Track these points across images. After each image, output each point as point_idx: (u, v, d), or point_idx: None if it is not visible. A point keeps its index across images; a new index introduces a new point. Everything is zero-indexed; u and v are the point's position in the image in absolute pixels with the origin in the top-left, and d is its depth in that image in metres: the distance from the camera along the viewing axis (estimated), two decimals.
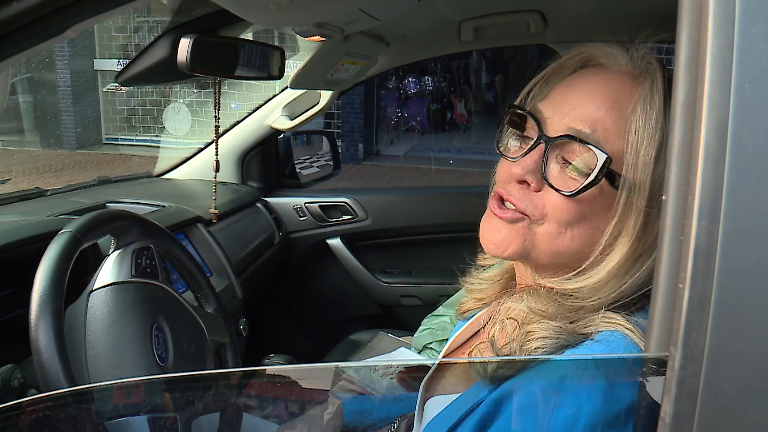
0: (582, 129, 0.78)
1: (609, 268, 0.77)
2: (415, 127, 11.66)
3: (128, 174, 2.56)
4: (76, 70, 10.61)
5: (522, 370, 0.75)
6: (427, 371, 0.94)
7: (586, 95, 0.80)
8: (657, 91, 0.77)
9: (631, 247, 0.76)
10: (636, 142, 0.75)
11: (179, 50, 1.33)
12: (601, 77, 0.82)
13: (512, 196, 0.82)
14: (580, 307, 0.78)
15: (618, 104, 0.78)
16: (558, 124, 0.80)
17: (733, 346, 0.48)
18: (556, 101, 0.83)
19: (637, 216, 0.75)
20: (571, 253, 0.80)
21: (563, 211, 0.78)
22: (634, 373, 0.64)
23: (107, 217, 1.18)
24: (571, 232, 0.79)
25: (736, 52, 0.49)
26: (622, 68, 0.82)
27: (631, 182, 0.75)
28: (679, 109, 0.51)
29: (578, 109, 0.79)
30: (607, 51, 0.83)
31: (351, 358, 2.13)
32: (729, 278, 0.48)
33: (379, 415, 1.16)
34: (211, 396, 0.85)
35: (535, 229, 0.81)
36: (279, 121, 2.39)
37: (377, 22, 1.45)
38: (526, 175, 0.80)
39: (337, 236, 2.58)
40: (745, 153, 0.48)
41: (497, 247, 0.83)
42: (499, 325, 0.83)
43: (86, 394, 0.83)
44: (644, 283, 0.77)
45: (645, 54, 0.82)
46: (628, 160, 0.76)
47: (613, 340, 0.72)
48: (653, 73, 0.79)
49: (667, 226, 0.51)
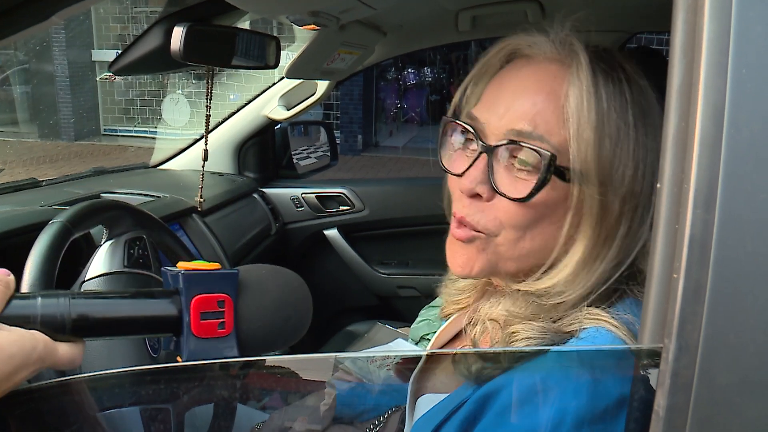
0: (523, 128, 0.76)
1: (576, 259, 0.76)
2: (414, 118, 11.64)
3: (124, 165, 2.55)
4: (74, 61, 10.57)
5: (506, 369, 0.74)
6: (417, 362, 0.93)
7: (519, 91, 0.78)
8: (582, 72, 0.75)
9: (594, 232, 0.76)
10: (575, 131, 0.74)
11: (173, 39, 1.31)
12: (530, 69, 0.80)
13: (465, 213, 0.81)
14: (558, 304, 0.77)
15: (553, 94, 0.76)
16: (496, 127, 0.78)
17: (729, 337, 0.47)
18: (489, 103, 0.81)
19: (592, 203, 0.75)
20: (535, 252, 0.80)
21: (519, 216, 0.78)
22: (622, 367, 0.63)
23: (98, 207, 1.16)
24: (531, 233, 0.79)
25: (733, 37, 0.47)
26: (547, 56, 0.80)
27: (579, 171, 0.74)
28: (674, 95, 0.50)
29: (513, 108, 0.77)
30: (529, 40, 0.81)
31: (348, 349, 2.12)
32: (725, 268, 0.47)
33: (371, 405, 1.15)
34: (205, 387, 0.84)
35: (494, 241, 0.80)
36: (275, 112, 2.38)
37: (373, 11, 1.44)
38: (476, 187, 0.79)
39: (334, 227, 2.57)
40: (741, 140, 0.47)
41: (463, 269, 0.83)
42: (480, 327, 0.83)
43: (77, 385, 0.82)
44: (616, 265, 0.76)
45: (566, 36, 0.80)
46: (572, 149, 0.74)
47: (598, 337, 0.72)
48: (576, 53, 0.77)
49: (662, 215, 0.50)
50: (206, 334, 0.65)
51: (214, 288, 0.65)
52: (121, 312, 0.64)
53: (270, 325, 0.69)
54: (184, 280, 0.64)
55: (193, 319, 0.64)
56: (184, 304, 0.64)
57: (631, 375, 0.54)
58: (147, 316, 0.65)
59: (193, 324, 0.64)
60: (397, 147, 10.70)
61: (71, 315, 0.60)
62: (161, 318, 0.65)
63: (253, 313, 0.68)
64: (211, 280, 0.65)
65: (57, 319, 0.60)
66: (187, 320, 0.64)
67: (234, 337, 0.66)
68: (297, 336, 0.73)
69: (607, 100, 0.74)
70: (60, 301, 0.60)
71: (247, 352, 0.68)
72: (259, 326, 0.68)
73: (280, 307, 0.70)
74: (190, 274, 0.65)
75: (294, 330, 0.72)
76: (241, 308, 0.67)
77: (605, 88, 0.75)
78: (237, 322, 0.66)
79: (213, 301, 0.65)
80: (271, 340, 0.71)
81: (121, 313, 0.64)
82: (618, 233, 0.76)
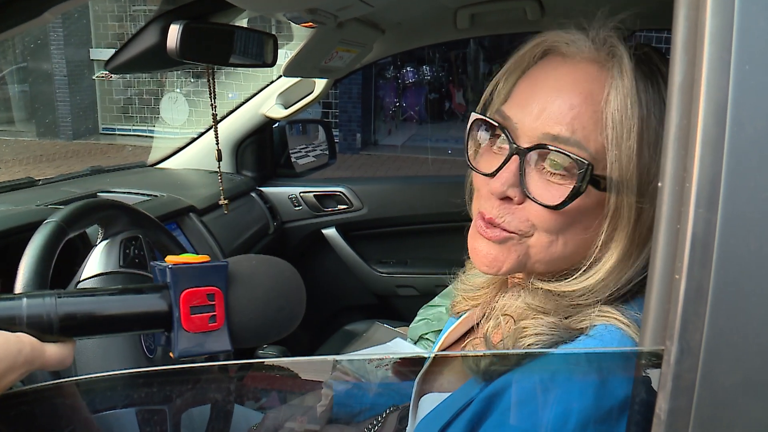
0: (560, 133, 0.73)
1: (608, 267, 0.74)
2: (413, 116, 11.62)
3: (122, 163, 2.54)
4: (72, 59, 10.55)
5: (514, 367, 0.73)
6: (422, 364, 0.92)
7: (555, 92, 0.75)
8: (626, 76, 0.72)
9: (627, 242, 0.74)
10: (615, 136, 0.71)
11: (169, 37, 1.30)
12: (566, 68, 0.76)
13: (494, 215, 0.78)
14: (579, 304, 0.76)
15: (591, 97, 0.73)
16: (530, 128, 0.75)
17: (732, 339, 0.46)
18: (522, 101, 0.78)
19: (629, 211, 0.73)
20: (567, 256, 0.78)
21: (550, 221, 0.75)
22: (628, 368, 0.62)
23: (93, 207, 1.15)
24: (564, 238, 0.76)
25: (736, 32, 0.47)
26: (585, 55, 0.76)
27: (617, 180, 0.72)
28: (675, 92, 0.49)
29: (549, 110, 0.74)
30: (567, 38, 0.77)
31: (346, 348, 2.12)
32: (727, 268, 0.46)
33: (369, 405, 1.15)
34: (202, 388, 0.84)
35: (526, 242, 0.78)
36: (273, 110, 2.37)
37: (371, 9, 1.43)
38: (507, 190, 0.76)
39: (332, 226, 2.56)
40: (744, 137, 0.46)
41: (490, 267, 0.80)
42: (494, 322, 0.82)
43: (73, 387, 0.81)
44: (639, 272, 0.75)
45: (607, 36, 0.76)
46: (610, 156, 0.72)
47: (606, 335, 0.71)
48: (619, 57, 0.74)
49: (663, 214, 0.49)
50: (197, 328, 0.64)
51: (203, 281, 0.64)
52: (109, 309, 0.63)
53: (263, 316, 0.68)
54: (172, 274, 0.63)
55: (183, 314, 0.63)
56: (173, 299, 0.63)
57: (634, 376, 0.53)
58: (136, 312, 0.64)
59: (183, 319, 0.63)
60: (396, 145, 10.69)
61: (58, 314, 0.59)
62: (150, 314, 0.64)
63: (245, 305, 0.66)
64: (200, 273, 0.64)
65: (44, 320, 0.59)
66: (176, 315, 0.63)
67: (226, 330, 0.65)
68: (291, 326, 0.71)
69: (647, 105, 0.72)
70: (46, 301, 0.59)
71: (240, 344, 0.67)
72: (251, 318, 0.67)
73: (272, 298, 0.69)
74: (179, 268, 0.63)
75: (288, 320, 0.71)
76: (232, 301, 0.66)
77: (645, 93, 0.72)
78: (228, 315, 0.65)
79: (203, 294, 0.64)
80: (264, 332, 0.69)
81: (110, 311, 0.63)
82: (649, 241, 0.74)
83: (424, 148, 10.09)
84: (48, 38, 10.24)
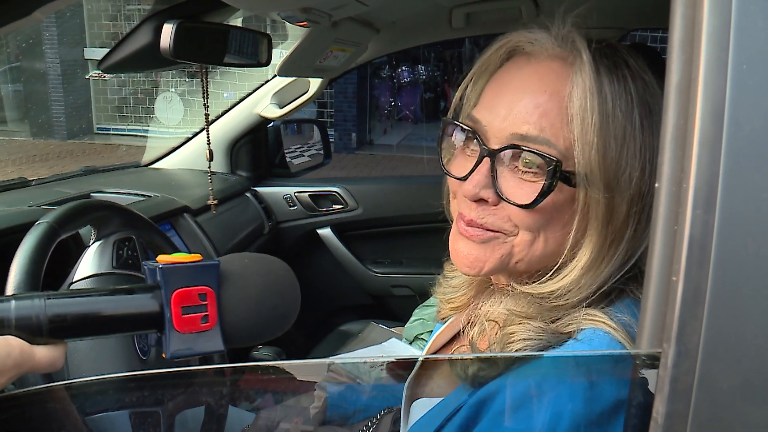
0: (528, 132, 0.73)
1: (582, 264, 0.75)
2: (408, 116, 11.63)
3: (116, 164, 2.52)
4: (67, 59, 10.52)
5: (503, 372, 0.73)
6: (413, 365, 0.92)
7: (520, 92, 0.75)
8: (584, 71, 0.72)
9: (601, 235, 0.74)
10: (579, 134, 0.72)
11: (162, 36, 1.29)
12: (531, 68, 0.77)
13: (474, 216, 0.78)
14: (560, 305, 0.76)
15: (556, 94, 0.73)
16: (499, 129, 0.76)
17: (729, 341, 0.45)
18: (490, 103, 0.78)
19: (598, 206, 0.73)
20: (547, 255, 0.78)
21: (529, 219, 0.76)
22: (619, 371, 0.62)
23: (86, 207, 1.14)
24: (544, 235, 0.77)
25: (734, 31, 0.46)
26: (549, 53, 0.76)
27: (584, 174, 0.72)
28: (672, 92, 0.49)
29: (516, 110, 0.75)
30: (530, 37, 0.78)
31: (342, 349, 2.11)
32: (725, 269, 0.46)
33: (363, 406, 1.14)
34: (195, 391, 0.83)
35: (511, 242, 0.78)
36: (268, 110, 2.36)
37: (365, 8, 1.42)
38: (480, 192, 0.76)
39: (327, 226, 2.55)
40: (742, 137, 0.46)
41: (471, 267, 0.80)
42: (478, 328, 0.81)
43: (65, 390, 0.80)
44: (620, 267, 0.75)
45: (568, 33, 0.76)
46: (576, 153, 0.72)
47: (595, 338, 0.71)
48: (578, 52, 0.74)
49: (660, 216, 0.48)
50: (189, 328, 0.62)
51: (194, 281, 0.63)
52: (100, 310, 0.62)
53: (256, 315, 0.67)
54: (163, 274, 0.62)
55: (174, 314, 0.62)
56: (164, 299, 0.62)
57: (629, 379, 0.53)
58: (126, 313, 0.63)
59: (174, 319, 0.62)
60: (392, 145, 10.70)
61: (47, 316, 0.58)
62: (142, 315, 0.63)
63: (237, 304, 0.65)
64: (191, 272, 0.63)
65: (33, 321, 0.57)
66: (168, 315, 0.62)
67: (218, 330, 0.64)
68: (285, 325, 0.70)
69: (612, 99, 0.72)
70: (35, 303, 0.58)
71: (233, 344, 0.66)
72: (244, 318, 0.66)
73: (266, 297, 0.68)
74: (169, 268, 0.62)
75: (282, 319, 0.70)
76: (225, 300, 0.64)
77: (609, 87, 0.72)
78: (221, 315, 0.64)
79: (195, 294, 0.62)
80: (258, 332, 0.68)
81: (100, 312, 0.62)
82: (625, 236, 0.74)
83: (419, 148, 10.09)
84: (41, 37, 10.21)
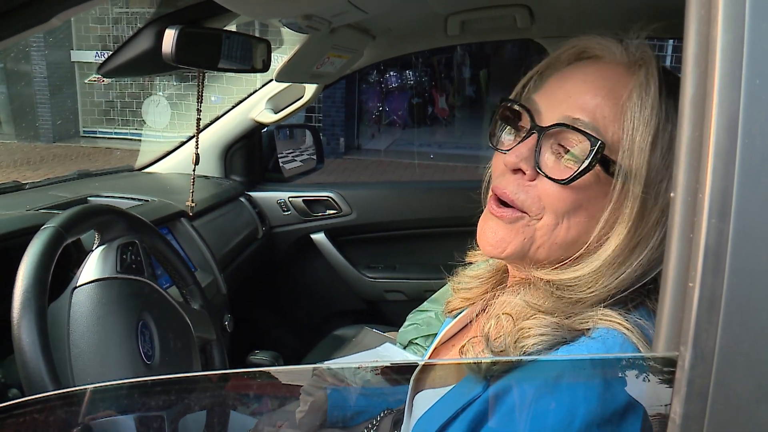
0: (580, 117, 0.77)
1: (605, 257, 0.76)
2: (396, 121, 11.65)
3: (109, 167, 2.51)
4: (53, 61, 10.43)
5: (518, 367, 0.74)
6: (413, 371, 0.93)
7: (581, 84, 0.79)
8: (652, 79, 0.76)
9: (628, 234, 0.75)
10: (632, 128, 0.74)
11: (164, 42, 1.30)
12: (596, 67, 0.81)
13: (508, 190, 0.81)
14: (578, 300, 0.76)
15: (613, 92, 0.77)
16: (552, 113, 0.79)
17: (744, 346, 0.47)
18: (550, 92, 0.82)
19: (634, 202, 0.75)
20: (568, 244, 0.80)
21: (559, 200, 0.77)
22: (633, 372, 0.63)
23: (92, 212, 1.15)
24: (568, 222, 0.78)
25: (747, 47, 0.48)
26: (616, 59, 0.81)
27: (627, 168, 0.74)
28: (687, 105, 0.50)
29: (574, 97, 0.78)
30: (601, 42, 0.83)
31: (336, 353, 2.11)
32: (739, 277, 0.47)
33: (362, 409, 1.15)
34: (199, 395, 0.83)
35: (534, 225, 0.80)
36: (263, 115, 2.36)
37: (365, 15, 1.44)
38: (520, 162, 0.79)
39: (321, 231, 2.56)
40: (755, 150, 0.47)
41: (495, 248, 0.82)
42: (494, 321, 0.82)
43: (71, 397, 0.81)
44: (641, 275, 0.76)
45: (639, 44, 0.81)
46: (624, 145, 0.75)
47: (609, 338, 0.71)
48: (648, 62, 0.78)
49: (677, 224, 0.50)
50: None
51: None
52: None
53: None
54: None
55: None
56: None
57: (643, 381, 0.54)
58: None
59: None
60: (380, 150, 10.71)
61: None
62: None
63: None
64: None
65: None
66: None
67: None
68: None
69: (667, 113, 0.75)
70: None
71: None
72: None
73: None
74: None
75: None
76: None
77: (667, 102, 0.75)
78: None
79: None
80: None
81: None
82: (649, 243, 0.76)
83: (407, 153, 10.13)
84: (27, 39, 10.11)
